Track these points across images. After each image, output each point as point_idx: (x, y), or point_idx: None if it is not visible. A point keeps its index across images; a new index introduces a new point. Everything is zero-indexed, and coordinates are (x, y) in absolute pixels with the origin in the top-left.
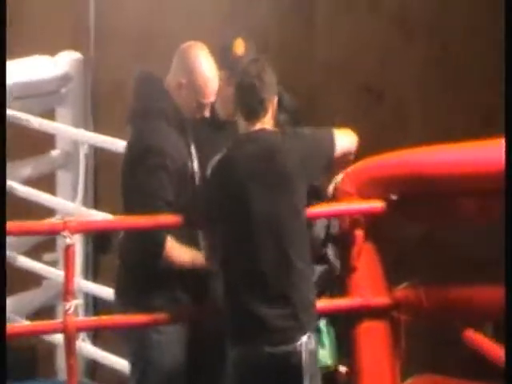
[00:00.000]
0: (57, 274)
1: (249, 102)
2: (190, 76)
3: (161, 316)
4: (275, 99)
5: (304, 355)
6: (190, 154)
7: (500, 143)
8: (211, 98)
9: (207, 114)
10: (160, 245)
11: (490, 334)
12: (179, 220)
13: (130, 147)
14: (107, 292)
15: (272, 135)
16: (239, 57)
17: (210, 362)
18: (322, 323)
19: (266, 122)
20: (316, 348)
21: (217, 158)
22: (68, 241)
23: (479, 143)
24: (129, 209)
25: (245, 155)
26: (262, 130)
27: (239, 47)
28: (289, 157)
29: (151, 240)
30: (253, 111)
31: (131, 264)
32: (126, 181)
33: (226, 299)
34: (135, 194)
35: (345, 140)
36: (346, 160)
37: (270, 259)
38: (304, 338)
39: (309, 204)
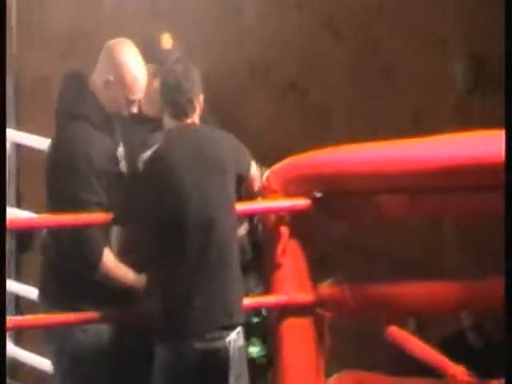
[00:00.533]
0: None
1: (177, 101)
2: (117, 72)
3: (86, 316)
4: (201, 97)
5: (232, 352)
6: (117, 153)
7: (424, 142)
8: (140, 94)
9: (135, 110)
10: (98, 255)
11: (412, 330)
12: (104, 217)
13: (55, 150)
14: (30, 291)
15: (201, 128)
16: (166, 50)
17: (136, 362)
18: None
19: (194, 119)
20: (244, 344)
21: (148, 153)
22: None
23: (403, 141)
24: (54, 208)
25: (176, 148)
26: (192, 125)
27: (167, 41)
28: (220, 146)
29: (89, 250)
30: (181, 110)
31: (60, 268)
32: (52, 185)
33: (157, 295)
34: (64, 200)
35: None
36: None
37: (202, 253)
38: (233, 335)
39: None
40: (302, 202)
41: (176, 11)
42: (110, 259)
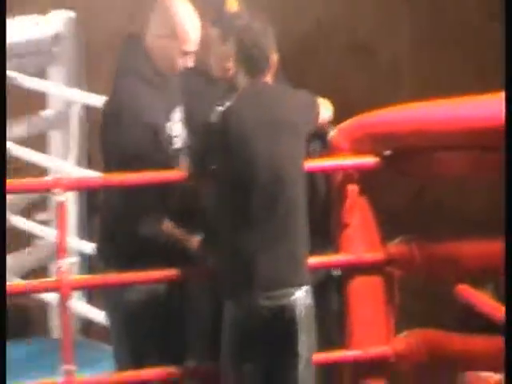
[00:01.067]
0: (50, 233)
1: (255, 57)
2: (170, 24)
3: (154, 274)
4: (275, 56)
5: (299, 309)
6: (170, 114)
7: (495, 98)
8: (193, 45)
9: (191, 63)
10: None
11: (490, 292)
12: (175, 175)
13: (105, 105)
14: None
15: (275, 87)
16: (232, 13)
17: (199, 320)
18: None
19: (268, 78)
20: (312, 303)
21: (221, 108)
22: (60, 198)
23: (474, 98)
24: (107, 166)
25: (250, 105)
26: (266, 83)
27: (232, 4)
28: (292, 107)
29: (147, 209)
30: (258, 66)
31: (117, 228)
32: (102, 139)
33: (224, 251)
34: (111, 152)
35: (325, 109)
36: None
37: (269, 211)
38: (299, 293)
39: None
40: (370, 160)
41: None
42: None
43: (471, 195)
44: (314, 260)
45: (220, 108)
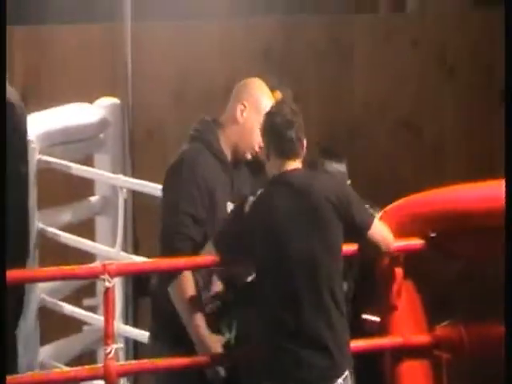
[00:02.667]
0: (97, 319)
1: (287, 137)
2: (258, 118)
3: (201, 358)
4: (305, 141)
5: None
6: (226, 194)
7: None
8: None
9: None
10: None
11: None
12: (217, 260)
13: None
14: (147, 336)
15: (306, 173)
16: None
17: None
18: None
19: (299, 162)
20: None
21: (252, 198)
22: (107, 284)
23: None
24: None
25: (281, 194)
26: (297, 170)
27: (275, 96)
28: (323, 195)
29: None
30: (291, 147)
31: (165, 311)
32: (162, 195)
33: (262, 338)
34: (166, 206)
35: (385, 230)
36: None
37: (305, 298)
38: (340, 380)
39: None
40: (416, 242)
41: (286, 51)
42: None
43: None
44: (362, 343)
45: (251, 197)
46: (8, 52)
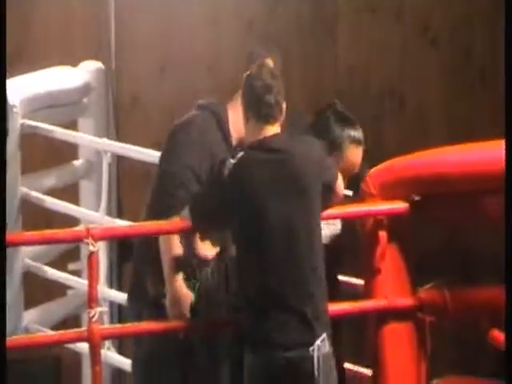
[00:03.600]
0: (81, 283)
1: (266, 101)
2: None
3: (175, 324)
4: (284, 105)
5: (317, 359)
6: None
7: None
8: None
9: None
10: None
11: None
12: (184, 225)
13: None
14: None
15: (286, 139)
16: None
17: (221, 370)
18: None
19: (278, 127)
20: (330, 349)
21: (232, 161)
22: (91, 248)
23: (501, 142)
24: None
25: (260, 160)
26: (276, 135)
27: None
28: (302, 162)
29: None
30: (270, 111)
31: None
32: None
33: (243, 305)
34: (168, 159)
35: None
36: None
37: (284, 263)
38: (317, 342)
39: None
40: (400, 206)
41: (272, 21)
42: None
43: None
44: (345, 306)
45: (231, 160)
46: None
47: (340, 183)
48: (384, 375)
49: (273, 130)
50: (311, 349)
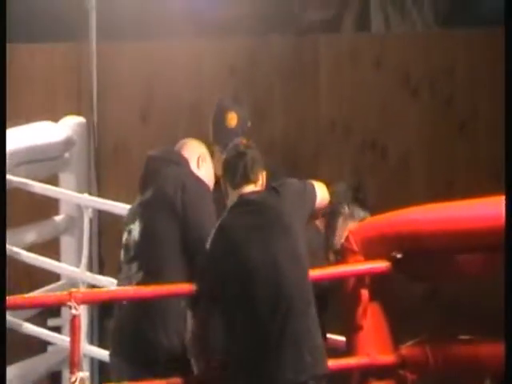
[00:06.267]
0: (62, 339)
1: (239, 168)
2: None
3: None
4: (264, 173)
5: None
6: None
7: (503, 199)
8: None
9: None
10: None
11: None
12: (189, 289)
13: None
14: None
15: (262, 193)
16: (230, 130)
17: None
18: None
19: (256, 187)
20: None
21: (213, 229)
22: (74, 311)
23: (481, 200)
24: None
25: (241, 217)
26: (254, 192)
27: (232, 120)
28: (282, 208)
29: None
30: (243, 176)
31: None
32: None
33: (233, 359)
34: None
35: (322, 192)
36: (321, 209)
37: (274, 310)
38: None
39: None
40: (381, 265)
41: (251, 71)
42: None
43: (486, 295)
44: (328, 363)
45: (213, 229)
46: None
47: (321, 198)
48: None
49: (250, 188)
50: None
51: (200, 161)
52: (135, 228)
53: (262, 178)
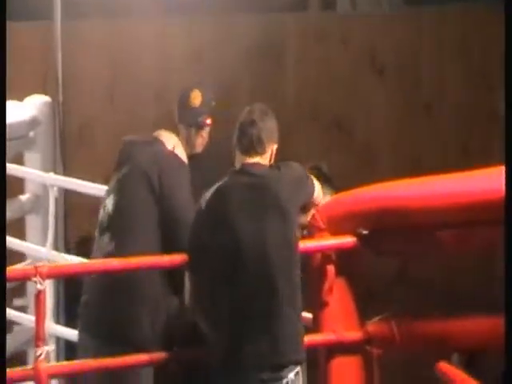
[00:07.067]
0: (27, 319)
1: (248, 136)
2: None
3: (139, 357)
4: (274, 146)
5: None
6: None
7: (471, 175)
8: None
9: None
10: None
11: (456, 364)
12: (157, 261)
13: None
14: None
15: (264, 168)
16: (194, 110)
17: None
18: None
19: (261, 160)
20: None
21: (212, 189)
22: (39, 286)
23: (448, 176)
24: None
25: (238, 185)
26: (256, 164)
27: (196, 99)
28: (281, 187)
29: None
30: (250, 145)
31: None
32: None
33: (214, 336)
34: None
35: (319, 189)
36: (314, 205)
37: (258, 291)
38: (291, 375)
39: None
40: (348, 240)
41: (220, 54)
42: None
43: (454, 269)
44: None
45: (211, 189)
46: None
47: (319, 195)
48: None
49: (254, 159)
50: (285, 381)
51: (175, 147)
52: (110, 202)
53: (271, 151)
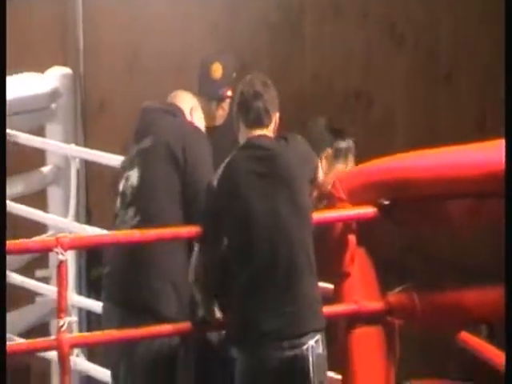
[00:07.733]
0: (50, 290)
1: (254, 109)
2: None
3: (163, 328)
4: (277, 115)
5: (311, 359)
6: None
7: (490, 145)
8: None
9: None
10: None
11: (484, 336)
12: (177, 232)
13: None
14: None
15: (272, 140)
16: (215, 82)
17: (210, 372)
18: None
19: (268, 131)
20: (324, 352)
21: (221, 166)
22: (61, 257)
23: (468, 146)
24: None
25: (248, 159)
26: (263, 136)
27: (217, 71)
28: (290, 158)
29: None
30: (257, 118)
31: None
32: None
33: (233, 305)
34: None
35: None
36: (318, 186)
37: (275, 261)
38: (311, 342)
39: None
40: (368, 210)
41: (238, 26)
42: None
43: (470, 243)
44: None
45: (221, 166)
46: None
47: (320, 176)
48: (353, 379)
49: (261, 132)
50: (305, 347)
51: (193, 111)
52: (133, 174)
53: (275, 120)
